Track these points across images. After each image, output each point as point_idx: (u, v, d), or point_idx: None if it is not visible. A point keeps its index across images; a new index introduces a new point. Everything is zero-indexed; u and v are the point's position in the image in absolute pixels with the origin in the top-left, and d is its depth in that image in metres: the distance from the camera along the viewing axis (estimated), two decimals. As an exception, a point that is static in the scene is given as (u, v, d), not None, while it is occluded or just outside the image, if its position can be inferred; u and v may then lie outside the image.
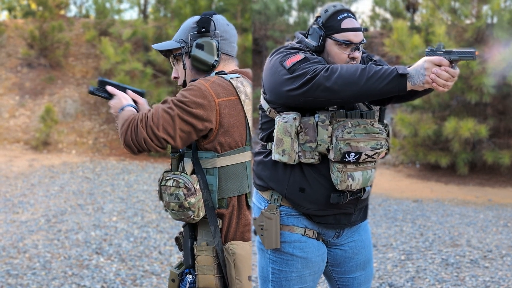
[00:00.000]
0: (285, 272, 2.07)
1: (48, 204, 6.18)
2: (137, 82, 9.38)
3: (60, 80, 10.82)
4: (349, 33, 1.99)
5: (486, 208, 6.33)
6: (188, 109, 1.86)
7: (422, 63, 1.80)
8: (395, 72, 1.80)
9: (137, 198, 6.50)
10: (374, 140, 1.97)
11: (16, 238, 4.93)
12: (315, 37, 2.03)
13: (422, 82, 1.80)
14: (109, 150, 9.51)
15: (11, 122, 10.07)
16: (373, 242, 4.96)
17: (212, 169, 1.93)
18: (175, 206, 1.89)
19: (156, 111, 1.87)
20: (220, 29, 2.01)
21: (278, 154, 1.98)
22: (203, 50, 1.97)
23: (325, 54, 2.03)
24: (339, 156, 1.93)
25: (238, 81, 1.96)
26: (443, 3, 8.08)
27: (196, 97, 1.86)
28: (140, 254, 4.58)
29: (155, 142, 1.86)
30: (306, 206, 2.02)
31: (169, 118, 1.85)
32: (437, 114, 8.30)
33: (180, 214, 1.91)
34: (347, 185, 1.96)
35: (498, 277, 4.09)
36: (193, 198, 1.88)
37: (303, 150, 1.96)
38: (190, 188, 1.88)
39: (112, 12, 11.59)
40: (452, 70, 1.78)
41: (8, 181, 7.33)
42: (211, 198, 1.93)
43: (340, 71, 1.84)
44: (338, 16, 2.00)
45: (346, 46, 1.99)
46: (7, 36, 11.41)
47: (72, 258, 4.44)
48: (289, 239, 2.04)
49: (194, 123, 1.87)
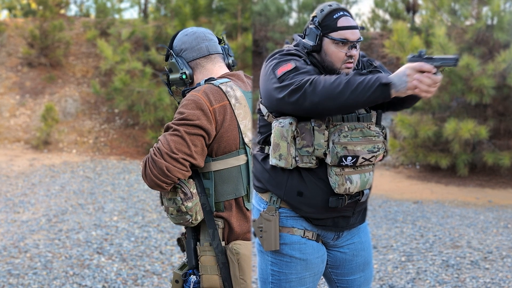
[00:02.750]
0: (285, 274, 2.08)
1: (49, 203, 6.20)
2: (137, 82, 9.40)
3: (60, 79, 10.82)
4: (346, 31, 2.00)
5: (486, 209, 6.34)
6: (191, 122, 1.89)
7: (404, 70, 1.81)
8: (378, 82, 1.80)
9: (138, 198, 6.51)
10: (371, 143, 1.98)
11: (17, 238, 4.94)
12: (312, 37, 2.04)
13: (405, 89, 1.80)
14: (109, 150, 9.52)
15: (11, 121, 10.08)
16: (374, 244, 4.97)
17: (208, 173, 1.96)
18: (173, 210, 1.93)
19: (163, 139, 1.89)
20: (177, 44, 2.09)
21: (275, 159, 2.00)
22: (172, 72, 2.08)
23: (322, 54, 2.04)
24: (336, 160, 1.94)
25: (228, 86, 1.98)
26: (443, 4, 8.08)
27: (193, 109, 1.90)
28: (141, 253, 4.60)
29: (177, 166, 1.87)
30: (304, 209, 2.03)
31: (179, 139, 1.88)
32: (437, 116, 8.30)
33: (178, 218, 1.94)
34: (345, 188, 1.97)
35: (498, 279, 4.11)
36: (190, 202, 1.92)
37: (300, 154, 1.97)
38: (186, 192, 1.91)
39: (112, 11, 11.60)
40: (434, 76, 1.79)
41: (9, 180, 7.35)
42: (208, 201, 1.96)
43: (323, 85, 1.84)
44: (334, 15, 2.01)
45: (343, 45, 2.00)
46: (8, 35, 11.41)
47: (73, 258, 4.45)
48: (288, 241, 2.06)
49: (202, 133, 1.90)
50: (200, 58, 2.06)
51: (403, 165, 8.77)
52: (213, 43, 2.09)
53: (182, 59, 2.07)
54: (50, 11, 10.88)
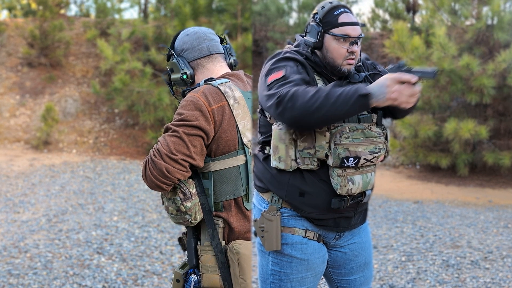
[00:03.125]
0: (286, 274, 2.07)
1: (49, 203, 6.20)
2: (137, 82, 9.40)
3: (60, 79, 10.82)
4: (347, 27, 2.01)
5: (486, 209, 6.34)
6: (190, 123, 1.89)
7: (384, 80, 1.82)
8: (357, 94, 1.81)
9: (138, 198, 6.51)
10: (372, 144, 1.98)
11: (17, 238, 4.94)
12: (313, 34, 2.04)
13: (384, 99, 1.82)
14: (109, 150, 9.52)
15: (11, 121, 10.08)
16: (374, 244, 4.97)
17: (207, 173, 1.97)
18: (173, 210, 1.95)
19: (163, 141, 1.90)
20: (178, 44, 2.09)
21: (275, 161, 2.00)
22: (173, 72, 2.08)
23: (324, 50, 2.04)
24: (337, 162, 1.94)
25: (226, 86, 1.99)
26: (443, 4, 8.07)
27: (192, 110, 1.91)
28: (141, 253, 4.60)
29: (176, 167, 1.88)
30: (306, 210, 2.03)
31: (178, 140, 1.89)
32: (437, 115, 8.30)
33: (178, 218, 1.96)
34: (348, 189, 1.97)
35: (498, 278, 4.11)
36: (189, 202, 1.93)
37: (302, 156, 1.97)
38: (185, 192, 1.93)
39: (112, 11, 11.60)
40: (413, 87, 1.81)
41: (9, 180, 7.35)
42: (207, 201, 1.97)
43: (302, 100, 1.83)
44: (335, 11, 2.02)
45: (344, 41, 2.00)
46: (8, 35, 11.41)
47: (73, 258, 4.45)
48: (289, 241, 2.05)
49: (200, 134, 1.91)
50: (201, 58, 2.06)
51: (403, 165, 8.77)
52: (215, 43, 2.09)
53: (183, 59, 2.07)
54: (50, 11, 10.88)
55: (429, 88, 7.86)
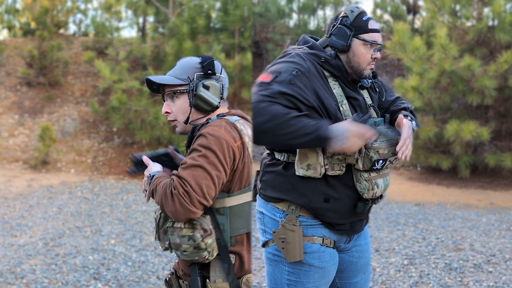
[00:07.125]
0: (302, 283, 2.06)
1: (46, 226, 6.18)
2: (135, 101, 9.42)
3: (59, 98, 10.86)
4: (375, 34, 2.07)
5: (488, 211, 6.30)
6: (219, 162, 1.87)
7: (346, 131, 1.87)
8: (316, 133, 1.85)
9: (136, 220, 6.50)
10: (393, 146, 2.03)
11: (13, 263, 4.92)
12: (343, 37, 2.05)
13: (339, 148, 1.88)
14: (108, 169, 9.52)
15: (10, 141, 10.09)
16: (376, 247, 4.96)
17: (222, 209, 1.95)
18: (188, 247, 1.88)
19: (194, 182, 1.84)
20: (221, 76, 2.05)
21: (302, 169, 1.98)
22: (208, 91, 1.99)
23: (350, 54, 2.06)
24: (368, 165, 1.98)
25: (241, 123, 1.99)
26: (444, 5, 8.07)
27: (217, 145, 1.87)
28: (138, 279, 4.58)
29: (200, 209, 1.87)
30: (329, 215, 2.04)
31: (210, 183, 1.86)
32: (438, 117, 8.27)
33: (194, 255, 1.89)
34: (373, 193, 2.02)
35: (502, 282, 4.07)
36: (210, 238, 1.88)
37: (331, 162, 1.98)
38: (206, 229, 1.88)
39: (111, 29, 11.66)
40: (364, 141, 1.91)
41: (7, 202, 7.34)
42: (223, 237, 1.95)
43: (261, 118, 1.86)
44: (363, 16, 2.06)
45: (370, 47, 2.05)
46: (7, 55, 11.47)
47: (70, 284, 4.43)
48: (308, 249, 2.04)
49: (224, 172, 1.89)
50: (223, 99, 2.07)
51: (404, 167, 8.75)
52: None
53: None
54: (48, 31, 10.95)
55: (430, 90, 7.84)
